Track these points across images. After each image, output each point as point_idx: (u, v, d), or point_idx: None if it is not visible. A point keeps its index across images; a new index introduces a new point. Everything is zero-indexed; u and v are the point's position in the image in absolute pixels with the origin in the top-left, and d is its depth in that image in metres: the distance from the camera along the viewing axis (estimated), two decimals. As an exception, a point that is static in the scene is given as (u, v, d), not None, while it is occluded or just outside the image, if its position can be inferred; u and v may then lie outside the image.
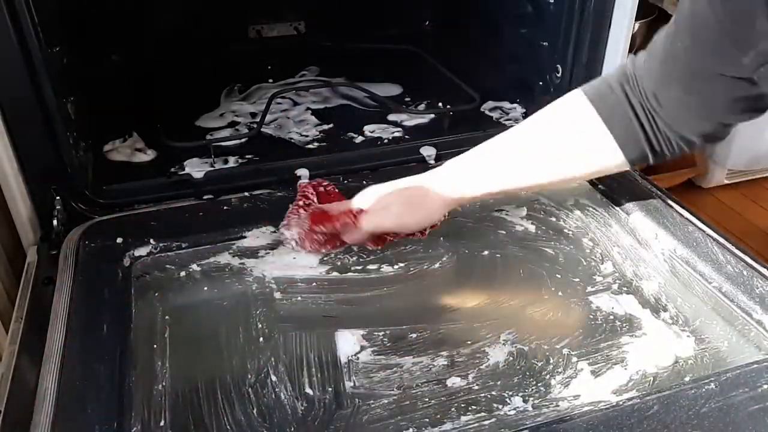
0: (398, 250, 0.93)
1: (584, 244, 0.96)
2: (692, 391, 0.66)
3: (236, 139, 1.14)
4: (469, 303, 0.87)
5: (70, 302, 0.77)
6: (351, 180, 1.02)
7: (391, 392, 0.73)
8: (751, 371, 0.69)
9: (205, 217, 0.94)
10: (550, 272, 0.91)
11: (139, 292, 0.83)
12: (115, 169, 1.07)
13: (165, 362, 0.76)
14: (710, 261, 0.84)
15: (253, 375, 0.75)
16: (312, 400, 0.72)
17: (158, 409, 0.70)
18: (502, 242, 0.97)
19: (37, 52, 0.83)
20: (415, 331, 0.81)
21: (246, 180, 1.03)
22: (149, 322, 0.81)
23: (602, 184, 1.02)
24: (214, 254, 0.89)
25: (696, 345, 0.79)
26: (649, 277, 0.89)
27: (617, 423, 0.63)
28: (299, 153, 1.12)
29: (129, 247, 0.87)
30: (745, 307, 0.78)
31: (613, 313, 0.84)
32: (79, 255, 0.85)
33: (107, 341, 0.72)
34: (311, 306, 0.85)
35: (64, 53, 0.98)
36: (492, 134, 0.84)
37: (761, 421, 0.63)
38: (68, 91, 0.97)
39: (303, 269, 0.90)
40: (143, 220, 0.93)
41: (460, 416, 0.70)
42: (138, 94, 1.26)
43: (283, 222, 0.86)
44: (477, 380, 0.75)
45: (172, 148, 1.07)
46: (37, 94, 0.85)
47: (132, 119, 1.18)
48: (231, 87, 1.33)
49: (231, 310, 0.84)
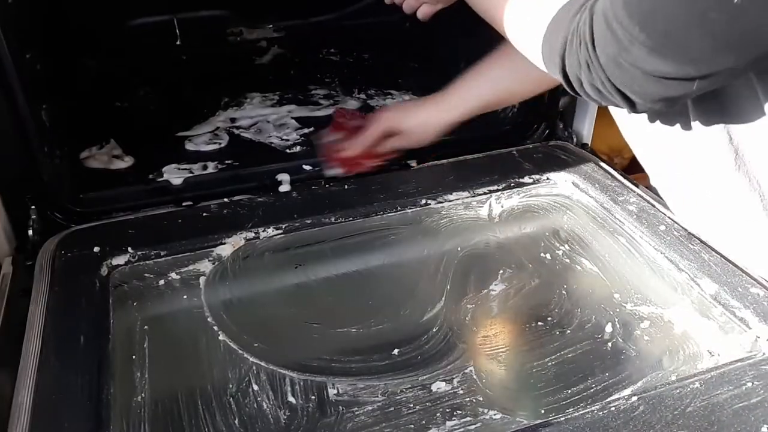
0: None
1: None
2: (677, 390, 0.66)
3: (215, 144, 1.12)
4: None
5: (46, 313, 0.75)
6: (333, 185, 1.01)
7: (375, 398, 0.72)
8: (735, 369, 0.69)
9: (184, 224, 0.92)
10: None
11: (117, 302, 0.82)
12: (92, 177, 1.05)
13: (144, 373, 0.74)
14: (691, 257, 0.84)
15: (235, 384, 0.74)
16: (295, 408, 0.71)
17: (137, 421, 0.69)
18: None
19: (7, 58, 0.82)
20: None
21: (225, 186, 1.01)
22: (127, 332, 0.79)
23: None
24: (193, 262, 0.88)
25: (679, 343, 0.79)
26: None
27: (603, 425, 0.62)
28: (279, 157, 1.11)
29: (106, 256, 0.85)
30: (728, 304, 0.78)
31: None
32: (56, 265, 0.83)
33: (84, 352, 0.71)
34: (292, 312, 0.84)
35: (37, 59, 0.97)
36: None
37: (746, 418, 0.63)
38: (42, 97, 0.95)
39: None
40: (121, 229, 0.91)
41: (446, 421, 0.70)
42: (114, 100, 1.24)
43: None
44: (461, 385, 0.74)
45: (150, 154, 1.06)
46: (9, 101, 0.83)
47: (109, 125, 1.16)
48: (211, 91, 1.31)
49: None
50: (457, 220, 0.99)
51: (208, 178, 1.04)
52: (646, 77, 0.57)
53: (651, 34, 0.55)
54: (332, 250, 0.92)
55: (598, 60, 0.59)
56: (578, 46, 0.61)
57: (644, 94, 0.59)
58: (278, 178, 1.02)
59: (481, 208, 1.00)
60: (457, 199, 0.99)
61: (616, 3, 0.57)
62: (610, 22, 0.57)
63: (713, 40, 0.53)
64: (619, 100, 0.61)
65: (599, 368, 0.77)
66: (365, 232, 0.94)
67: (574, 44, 0.61)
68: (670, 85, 0.57)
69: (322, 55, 1.50)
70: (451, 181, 1.01)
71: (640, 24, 0.55)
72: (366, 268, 0.93)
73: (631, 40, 0.56)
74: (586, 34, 0.60)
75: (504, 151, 1.10)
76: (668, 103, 0.61)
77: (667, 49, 0.55)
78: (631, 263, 0.90)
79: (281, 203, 0.97)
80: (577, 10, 0.62)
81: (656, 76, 0.57)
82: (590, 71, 0.61)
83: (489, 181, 1.01)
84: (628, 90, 0.59)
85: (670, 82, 0.57)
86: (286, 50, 1.51)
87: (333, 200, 0.96)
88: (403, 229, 0.96)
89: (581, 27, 0.60)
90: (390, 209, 0.96)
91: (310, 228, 0.92)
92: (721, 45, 0.54)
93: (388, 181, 1.02)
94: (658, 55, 0.55)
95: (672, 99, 0.60)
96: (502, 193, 1.01)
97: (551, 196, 1.02)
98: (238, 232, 0.89)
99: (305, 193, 0.99)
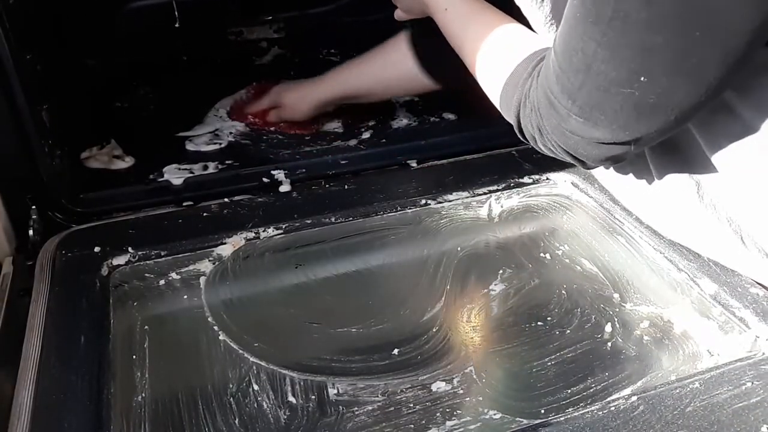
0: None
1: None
2: (677, 390, 0.66)
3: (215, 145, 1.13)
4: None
5: (46, 313, 0.75)
6: (333, 184, 1.01)
7: (375, 398, 0.73)
8: (734, 369, 0.69)
9: (185, 224, 0.92)
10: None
11: (117, 302, 0.82)
12: (93, 177, 1.05)
13: (144, 373, 0.74)
14: (691, 257, 0.84)
15: (235, 384, 0.74)
16: (295, 408, 0.71)
17: (137, 421, 0.69)
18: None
19: (8, 59, 0.82)
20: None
21: (226, 186, 1.01)
22: (128, 332, 0.80)
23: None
24: (193, 262, 0.88)
25: (679, 343, 0.79)
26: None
27: (603, 425, 0.62)
28: (280, 158, 1.11)
29: (107, 256, 0.85)
30: (728, 304, 0.78)
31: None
32: (56, 265, 0.83)
33: (84, 352, 0.71)
34: (292, 312, 0.84)
35: (38, 60, 0.97)
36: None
37: (746, 418, 0.63)
38: (43, 98, 0.95)
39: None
40: (121, 229, 0.91)
41: (446, 421, 0.70)
42: (114, 100, 1.24)
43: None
44: (461, 385, 0.74)
45: (150, 154, 1.06)
46: (9, 101, 0.83)
47: (109, 125, 1.16)
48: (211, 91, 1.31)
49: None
50: (456, 220, 0.99)
51: (208, 178, 1.04)
52: (588, 143, 0.63)
53: (582, 108, 0.61)
54: (332, 250, 0.92)
55: (546, 128, 0.66)
56: (530, 112, 0.67)
57: (589, 156, 0.66)
58: (278, 178, 1.02)
59: (480, 208, 1.00)
60: (457, 199, 0.99)
61: (551, 78, 0.63)
62: (549, 96, 0.63)
63: (633, 110, 0.59)
64: (571, 159, 0.68)
65: (599, 368, 0.77)
66: (365, 232, 0.94)
67: (527, 109, 0.68)
68: (609, 148, 0.63)
69: (323, 56, 1.50)
70: (451, 181, 1.01)
71: (572, 99, 0.61)
72: (366, 268, 0.93)
73: (567, 112, 0.62)
74: (535, 103, 0.66)
75: (504, 151, 1.10)
76: (613, 161, 0.67)
77: (597, 120, 0.61)
78: (631, 263, 0.90)
79: (281, 203, 0.97)
80: (529, 74, 0.68)
81: (595, 142, 0.63)
82: (542, 135, 0.67)
83: (489, 181, 1.01)
84: (575, 153, 0.66)
85: (608, 146, 0.63)
86: (286, 50, 1.51)
87: (333, 200, 0.96)
88: (403, 229, 0.96)
89: (531, 94, 0.67)
90: (390, 209, 0.96)
91: (310, 228, 0.92)
92: (641, 113, 0.59)
93: (388, 181, 1.02)
94: (591, 125, 0.61)
95: (615, 157, 0.66)
96: (502, 193, 1.01)
97: (551, 196, 1.02)
98: (239, 232, 0.90)
99: (305, 193, 0.99)
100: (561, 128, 0.64)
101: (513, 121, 0.71)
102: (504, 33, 0.77)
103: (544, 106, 0.65)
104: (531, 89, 0.67)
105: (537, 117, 0.66)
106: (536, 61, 0.68)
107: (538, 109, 0.66)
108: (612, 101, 0.59)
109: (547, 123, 0.65)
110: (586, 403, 0.72)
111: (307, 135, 1.17)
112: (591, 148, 0.64)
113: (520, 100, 0.69)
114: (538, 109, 0.66)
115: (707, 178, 0.73)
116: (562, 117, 0.63)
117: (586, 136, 0.63)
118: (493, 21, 0.78)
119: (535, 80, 0.67)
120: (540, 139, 0.68)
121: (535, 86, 0.66)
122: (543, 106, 0.65)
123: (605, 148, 0.63)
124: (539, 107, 0.65)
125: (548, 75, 0.63)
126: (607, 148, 0.63)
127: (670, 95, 0.58)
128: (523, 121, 0.69)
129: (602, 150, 0.64)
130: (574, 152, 0.66)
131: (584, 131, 0.62)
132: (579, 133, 0.63)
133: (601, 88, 0.59)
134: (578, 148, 0.65)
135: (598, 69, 0.58)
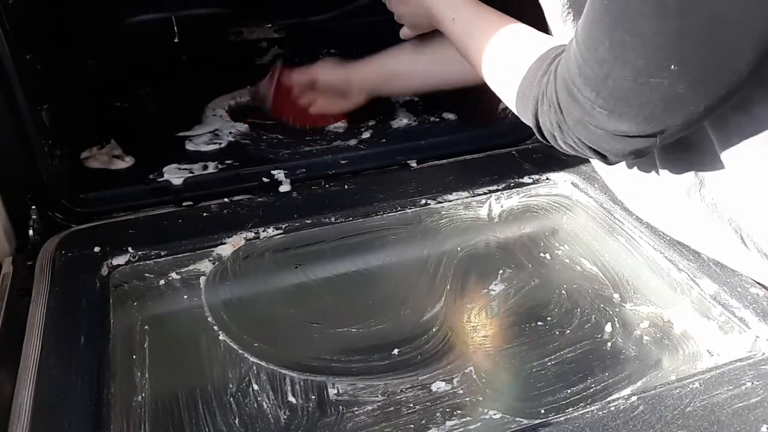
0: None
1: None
2: (677, 390, 0.66)
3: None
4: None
5: (46, 313, 0.75)
6: (333, 184, 1.01)
7: (375, 398, 0.73)
8: (734, 369, 0.69)
9: (184, 224, 0.92)
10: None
11: (117, 302, 0.82)
12: (93, 177, 1.05)
13: (144, 373, 0.74)
14: (691, 257, 0.84)
15: (235, 384, 0.74)
16: (295, 408, 0.71)
17: (137, 421, 0.69)
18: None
19: (8, 59, 0.82)
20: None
21: (225, 186, 1.01)
22: (128, 332, 0.80)
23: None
24: (193, 262, 0.88)
25: (679, 343, 0.79)
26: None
27: (603, 425, 0.62)
28: (280, 158, 1.11)
29: (107, 256, 0.85)
30: (728, 304, 0.78)
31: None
32: (56, 265, 0.83)
33: (84, 352, 0.71)
34: (292, 312, 0.84)
35: (38, 60, 0.97)
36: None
37: (746, 418, 0.63)
38: (43, 98, 0.95)
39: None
40: (121, 229, 0.91)
41: (446, 421, 0.70)
42: (114, 100, 1.24)
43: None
44: (461, 385, 0.74)
45: (150, 154, 1.06)
46: (9, 101, 0.83)
47: (109, 125, 1.16)
48: (211, 90, 1.31)
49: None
50: (456, 220, 0.99)
51: (208, 178, 1.04)
52: (611, 136, 0.62)
53: (607, 99, 0.59)
54: (332, 250, 0.92)
55: (567, 123, 0.64)
56: (548, 109, 0.66)
57: (613, 151, 0.64)
58: (278, 178, 1.02)
59: (480, 208, 1.00)
60: (457, 199, 0.99)
61: (573, 71, 0.61)
62: (571, 89, 0.62)
63: (660, 101, 0.58)
64: (592, 155, 0.66)
65: (599, 368, 0.77)
66: (365, 232, 0.94)
67: (544, 106, 0.66)
68: (634, 142, 0.62)
69: (323, 56, 1.50)
70: (451, 181, 1.01)
71: (596, 90, 0.60)
72: (366, 268, 0.93)
73: (591, 104, 0.61)
74: (554, 98, 0.65)
75: (504, 151, 1.10)
76: (636, 155, 0.65)
77: (622, 112, 0.60)
78: (631, 263, 0.90)
79: (281, 203, 0.97)
80: (545, 71, 0.67)
81: (620, 135, 0.62)
82: (562, 131, 0.66)
83: (489, 181, 1.01)
84: (598, 147, 0.64)
85: (633, 139, 0.62)
86: (286, 50, 1.51)
87: (333, 200, 0.96)
88: (403, 229, 0.96)
89: (549, 91, 0.65)
90: (390, 209, 0.96)
91: (310, 228, 0.92)
92: (668, 103, 0.58)
93: (388, 181, 1.02)
94: (616, 117, 0.60)
95: (639, 151, 0.64)
96: (502, 193, 1.01)
97: (551, 196, 1.02)
98: (238, 232, 0.90)
99: (305, 193, 0.99)
100: (584, 121, 0.62)
101: (531, 121, 0.70)
102: (514, 36, 0.76)
103: (565, 100, 0.63)
104: (548, 85, 0.66)
105: (556, 113, 0.65)
106: (551, 59, 0.67)
107: (557, 104, 0.64)
108: (639, 92, 0.57)
109: (568, 117, 0.64)
110: (586, 403, 0.72)
111: (337, 123, 1.19)
112: (615, 142, 0.63)
113: (537, 97, 0.68)
114: (557, 104, 0.64)
115: (712, 177, 0.72)
116: (585, 110, 0.62)
117: (611, 129, 0.61)
118: (501, 25, 0.77)
119: (552, 75, 0.65)
120: (560, 136, 0.67)
121: (552, 81, 0.65)
122: (564, 100, 0.63)
123: (629, 142, 0.62)
124: (559, 102, 0.64)
125: (570, 68, 0.62)
126: (632, 141, 0.62)
127: (700, 84, 0.56)
128: (542, 118, 0.68)
129: (626, 143, 0.62)
130: (597, 146, 0.64)
131: (608, 124, 0.61)
132: (603, 126, 0.61)
133: (629, 79, 0.57)
134: (601, 142, 0.63)
135: (625, 58, 0.56)
